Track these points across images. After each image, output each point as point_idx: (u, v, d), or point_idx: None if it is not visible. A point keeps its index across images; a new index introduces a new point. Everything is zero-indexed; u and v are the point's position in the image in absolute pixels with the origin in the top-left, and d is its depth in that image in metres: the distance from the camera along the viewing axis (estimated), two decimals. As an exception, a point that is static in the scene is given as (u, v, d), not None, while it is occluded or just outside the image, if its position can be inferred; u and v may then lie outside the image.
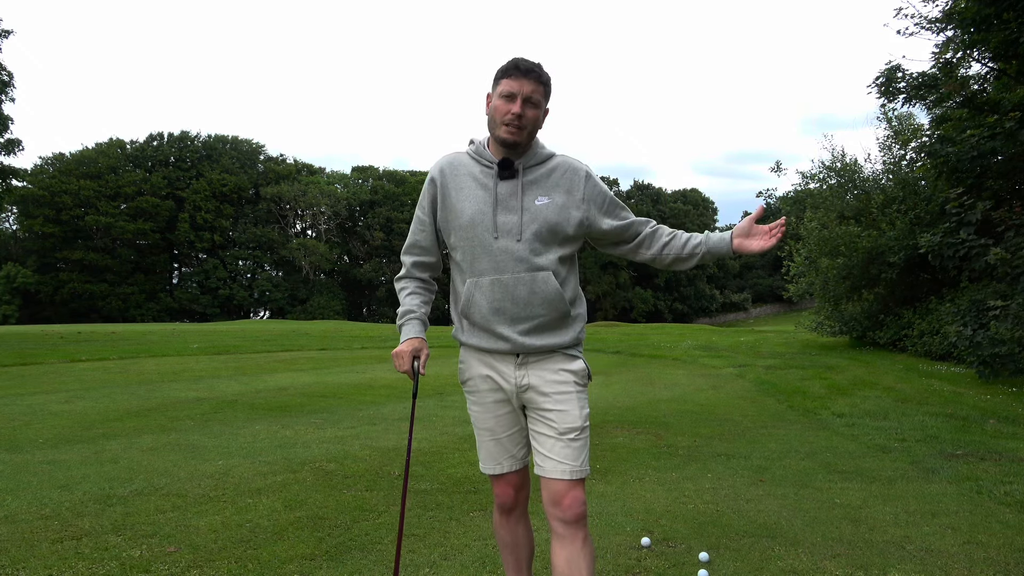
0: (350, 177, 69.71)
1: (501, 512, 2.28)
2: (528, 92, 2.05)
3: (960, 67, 12.63)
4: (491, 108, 2.11)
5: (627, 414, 7.27)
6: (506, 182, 2.12)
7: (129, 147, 60.65)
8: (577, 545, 2.02)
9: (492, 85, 2.13)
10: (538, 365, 2.14)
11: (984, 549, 3.27)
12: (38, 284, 52.64)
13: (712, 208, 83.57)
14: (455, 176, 2.17)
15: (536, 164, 2.16)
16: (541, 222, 2.09)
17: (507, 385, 2.16)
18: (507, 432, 2.21)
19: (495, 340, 2.13)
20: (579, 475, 2.06)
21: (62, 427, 6.06)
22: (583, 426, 2.10)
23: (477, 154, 2.18)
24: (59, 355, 13.53)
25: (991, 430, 6.37)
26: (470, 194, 2.13)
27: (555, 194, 2.13)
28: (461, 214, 2.12)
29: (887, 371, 11.68)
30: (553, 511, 2.06)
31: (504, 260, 2.08)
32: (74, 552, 3.08)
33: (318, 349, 16.93)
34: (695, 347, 18.20)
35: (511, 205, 2.10)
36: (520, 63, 2.07)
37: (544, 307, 2.10)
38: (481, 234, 2.09)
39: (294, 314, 57.62)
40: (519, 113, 2.04)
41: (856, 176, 17.80)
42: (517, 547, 2.30)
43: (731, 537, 3.43)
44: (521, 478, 2.26)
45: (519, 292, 2.08)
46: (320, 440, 5.62)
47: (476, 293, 2.12)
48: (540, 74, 2.08)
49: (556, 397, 2.10)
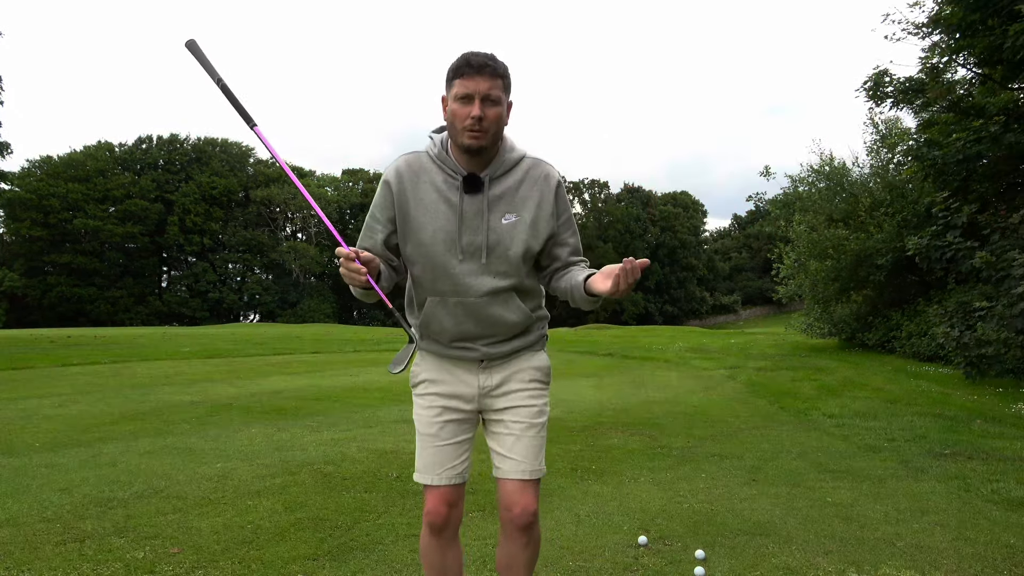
0: (340, 180, 69.61)
1: (431, 531, 2.11)
2: (485, 90, 1.86)
3: (946, 72, 12.80)
4: (448, 113, 1.93)
5: (620, 416, 7.34)
6: (472, 197, 1.96)
7: (118, 150, 60.28)
8: (519, 544, 2.11)
9: (445, 86, 1.93)
10: (503, 365, 2.13)
11: (972, 545, 3.35)
12: (26, 288, 52.17)
13: (702, 211, 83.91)
14: (416, 183, 1.99)
15: (504, 173, 2.01)
16: (507, 243, 1.98)
17: (468, 390, 2.11)
18: (449, 440, 2.10)
19: (459, 351, 2.10)
20: (536, 475, 2.10)
21: (58, 431, 6.06)
22: (542, 423, 2.13)
23: (440, 160, 1.99)
24: (50, 359, 13.46)
25: (978, 430, 6.47)
26: (432, 208, 1.97)
27: (524, 210, 2.00)
28: (421, 229, 1.98)
29: (876, 372, 11.81)
30: (504, 514, 2.11)
31: (467, 283, 1.99)
32: (78, 554, 3.11)
33: (311, 352, 16.92)
34: (686, 349, 18.31)
35: (476, 225, 1.97)
36: (471, 59, 1.87)
37: (508, 326, 2.07)
38: (443, 255, 1.98)
39: (284, 317, 57.39)
40: (479, 116, 1.86)
41: (844, 180, 17.98)
42: (445, 571, 2.15)
43: (726, 535, 3.49)
44: (456, 495, 2.12)
45: (482, 314, 2.03)
46: (317, 443, 5.65)
47: (438, 312, 2.05)
48: (495, 67, 1.88)
49: (519, 394, 2.11)
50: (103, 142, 60.02)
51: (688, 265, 77.23)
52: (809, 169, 18.71)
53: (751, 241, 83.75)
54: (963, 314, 11.08)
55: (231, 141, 64.25)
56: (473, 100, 1.87)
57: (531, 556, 2.16)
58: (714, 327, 59.96)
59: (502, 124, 1.95)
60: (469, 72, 1.86)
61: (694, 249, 79.05)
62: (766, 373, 12.07)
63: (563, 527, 3.60)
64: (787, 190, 19.61)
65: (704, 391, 9.79)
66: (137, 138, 61.33)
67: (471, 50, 1.91)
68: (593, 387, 10.13)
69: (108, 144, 60.08)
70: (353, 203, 66.04)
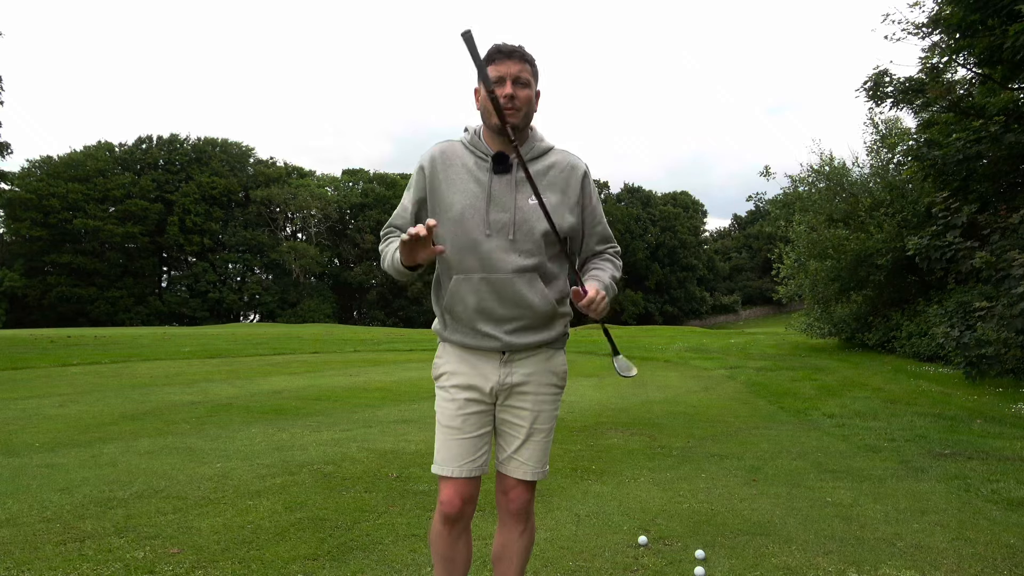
0: (340, 180, 69.62)
1: (444, 522, 2.14)
2: (516, 72, 2.00)
3: (946, 72, 12.81)
4: (481, 100, 2.05)
5: (621, 416, 7.34)
6: (500, 177, 2.05)
7: (118, 150, 60.35)
8: (514, 534, 2.19)
9: (478, 77, 2.05)
10: (523, 362, 2.15)
11: (972, 545, 3.36)
12: (26, 288, 52.22)
13: (702, 211, 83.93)
14: (447, 166, 2.09)
15: (533, 159, 2.10)
16: (533, 222, 2.04)
17: (488, 384, 2.13)
18: (473, 433, 2.13)
19: (480, 338, 2.11)
20: (539, 477, 2.18)
21: (58, 431, 6.06)
22: (551, 427, 2.19)
23: (472, 144, 2.10)
24: (50, 359, 13.46)
25: (978, 430, 6.48)
26: (462, 187, 2.06)
27: (550, 193, 2.07)
28: (451, 207, 2.06)
29: (876, 372, 11.82)
30: (501, 499, 2.21)
31: (493, 259, 2.04)
32: (78, 554, 3.11)
33: (311, 352, 16.92)
34: (686, 349, 18.32)
35: (504, 203, 2.05)
36: (501, 47, 2.02)
37: (531, 308, 2.08)
38: (471, 231, 2.04)
39: (284, 317, 57.41)
40: (511, 94, 1.99)
41: (844, 180, 17.99)
42: (454, 563, 2.18)
43: (726, 535, 3.49)
44: (473, 489, 2.14)
45: (506, 293, 2.05)
46: (317, 443, 5.65)
47: (462, 290, 2.08)
48: (523, 53, 2.03)
49: (535, 397, 2.15)
50: (103, 142, 60.11)
51: (688, 265, 77.23)
52: (809, 169, 18.74)
53: (751, 241, 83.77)
54: (963, 314, 11.09)
55: (231, 141, 64.37)
56: (505, 82, 2.00)
57: (525, 547, 2.19)
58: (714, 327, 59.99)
59: (532, 108, 2.07)
60: (500, 57, 2.01)
61: (694, 249, 79.06)
62: (766, 373, 12.07)
63: (563, 527, 3.60)
64: (787, 190, 19.64)
65: (704, 391, 9.80)
66: (137, 138, 61.52)
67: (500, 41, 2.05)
68: (593, 387, 10.13)
69: (108, 144, 60.13)
70: (353, 203, 66.06)
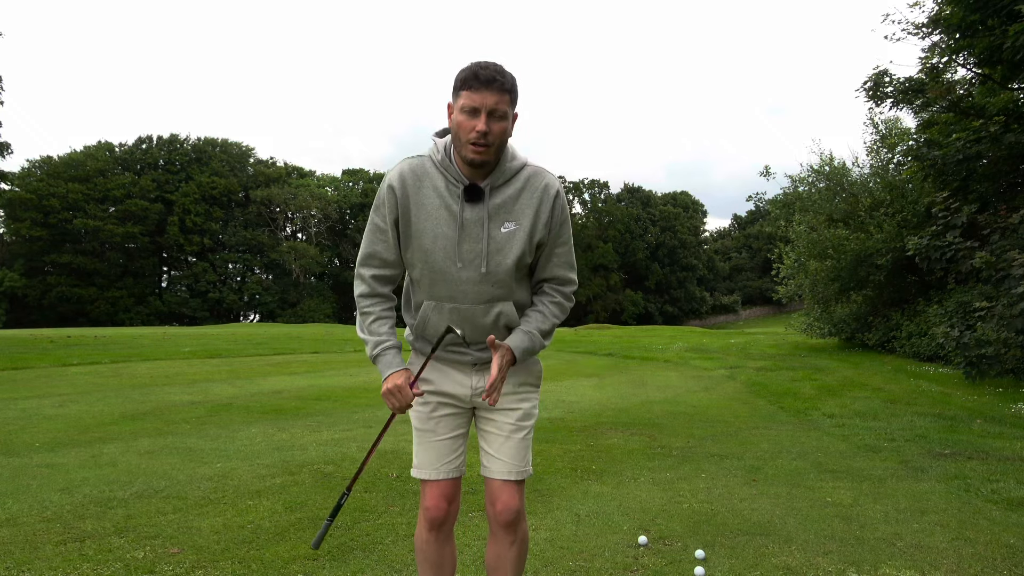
0: (340, 180, 69.65)
1: (430, 527, 2.15)
2: (492, 104, 1.85)
3: (946, 72, 12.82)
4: (453, 122, 1.93)
5: (621, 416, 7.34)
6: (472, 205, 1.97)
7: (118, 150, 60.35)
8: (506, 544, 2.16)
9: (452, 95, 1.93)
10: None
11: (972, 545, 3.36)
12: (25, 288, 52.20)
13: (702, 211, 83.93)
14: (418, 188, 2.00)
15: (504, 183, 2.00)
16: (505, 252, 2.00)
17: (461, 391, 2.14)
18: (448, 435, 2.15)
19: (451, 354, 2.12)
20: (523, 476, 2.16)
21: (58, 431, 6.06)
22: (530, 425, 2.18)
23: (443, 166, 1.99)
24: (50, 359, 13.46)
25: (978, 430, 6.48)
26: (433, 213, 1.98)
27: (523, 218, 2.00)
28: (422, 235, 2.00)
29: (876, 372, 11.82)
30: (490, 510, 2.17)
31: (464, 289, 2.01)
32: (78, 554, 3.11)
33: (311, 352, 16.91)
34: (686, 349, 18.32)
35: (475, 233, 1.98)
36: (480, 72, 1.86)
37: (503, 334, 2.09)
38: (442, 261, 1.99)
39: (284, 317, 57.41)
40: (484, 131, 1.86)
41: (844, 180, 17.99)
42: (441, 567, 2.19)
43: (726, 535, 3.49)
44: (454, 489, 2.17)
45: (478, 322, 2.05)
46: (317, 443, 5.65)
47: (433, 316, 2.07)
48: (503, 82, 1.87)
49: (510, 397, 2.14)
50: (103, 142, 60.12)
51: (688, 265, 77.25)
52: (809, 169, 18.74)
53: (751, 241, 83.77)
54: (963, 314, 11.09)
55: (231, 141, 64.38)
56: (479, 114, 1.86)
57: (518, 555, 2.18)
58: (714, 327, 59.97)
59: (506, 137, 1.94)
60: (477, 85, 1.85)
61: (694, 249, 79.08)
62: (766, 373, 12.07)
63: (563, 527, 3.60)
64: (787, 190, 19.64)
65: (704, 391, 9.80)
66: (137, 138, 61.50)
67: (479, 61, 1.90)
68: (593, 387, 10.13)
69: (108, 144, 60.13)
70: (353, 203, 66.07)
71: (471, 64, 1.89)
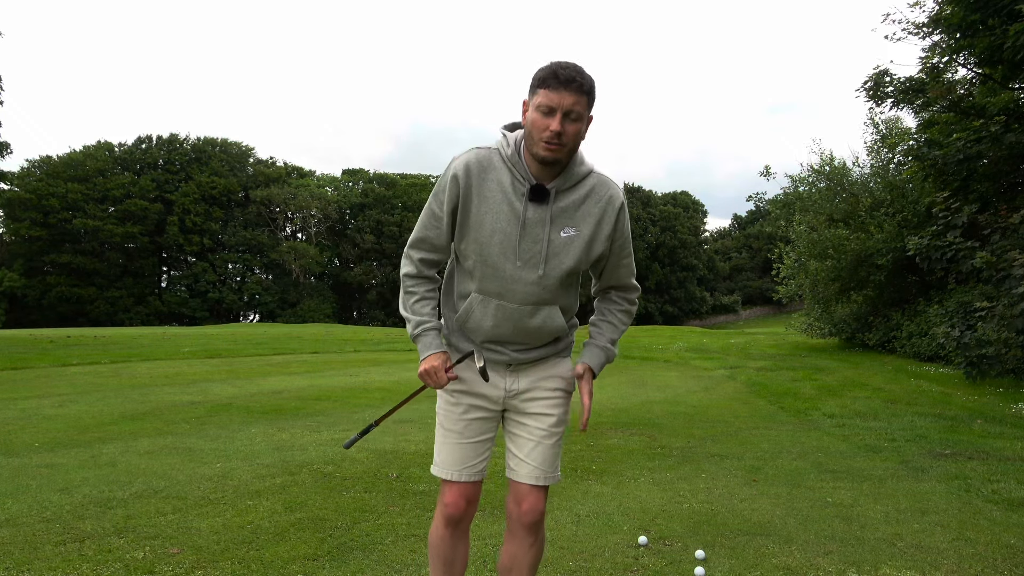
0: (340, 180, 69.59)
1: (447, 524, 2.14)
2: (568, 105, 1.82)
3: (946, 72, 12.81)
4: (528, 120, 1.90)
5: (621, 416, 7.34)
6: (536, 206, 1.95)
7: (117, 150, 60.30)
8: (524, 545, 2.14)
9: (529, 92, 1.90)
10: (530, 370, 2.14)
11: (972, 545, 3.35)
12: (25, 288, 52.19)
13: (702, 211, 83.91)
14: (482, 181, 1.96)
15: (570, 187, 1.98)
16: (563, 257, 1.98)
17: (494, 392, 2.12)
18: (474, 438, 2.13)
19: (488, 352, 2.10)
20: (551, 482, 2.14)
21: (57, 431, 6.05)
22: (561, 432, 2.17)
23: (511, 162, 1.96)
24: (50, 359, 13.46)
25: (979, 430, 6.47)
26: (495, 208, 1.95)
27: (584, 225, 1.99)
28: (481, 227, 1.96)
29: (876, 372, 11.82)
30: (513, 509, 2.15)
31: (515, 288, 1.99)
32: (77, 554, 3.10)
33: (310, 352, 16.91)
34: (686, 349, 18.32)
35: (536, 234, 1.96)
36: (559, 72, 1.82)
37: (544, 337, 2.09)
38: (498, 256, 1.97)
39: (284, 317, 57.40)
40: (558, 131, 1.83)
41: (844, 180, 17.99)
42: (453, 565, 2.19)
43: (726, 535, 3.49)
44: (475, 490, 2.16)
45: (522, 323, 2.03)
46: (317, 443, 5.65)
47: (478, 310, 2.05)
48: (582, 83, 1.83)
49: (543, 402, 2.13)
50: (103, 142, 60.05)
51: (688, 265, 77.21)
52: (809, 169, 18.74)
53: (751, 241, 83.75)
54: (963, 314, 11.09)
55: (231, 141, 64.34)
56: (555, 113, 1.83)
57: (535, 558, 2.17)
58: (714, 327, 59.97)
59: (580, 139, 1.92)
60: (555, 85, 1.82)
61: (694, 249, 79.03)
62: (766, 373, 12.07)
63: (563, 527, 3.59)
64: (787, 190, 19.65)
65: (704, 391, 9.79)
66: (137, 138, 61.41)
67: (559, 60, 1.87)
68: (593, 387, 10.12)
69: (108, 144, 60.09)
70: (353, 203, 66.05)
71: (551, 63, 1.87)
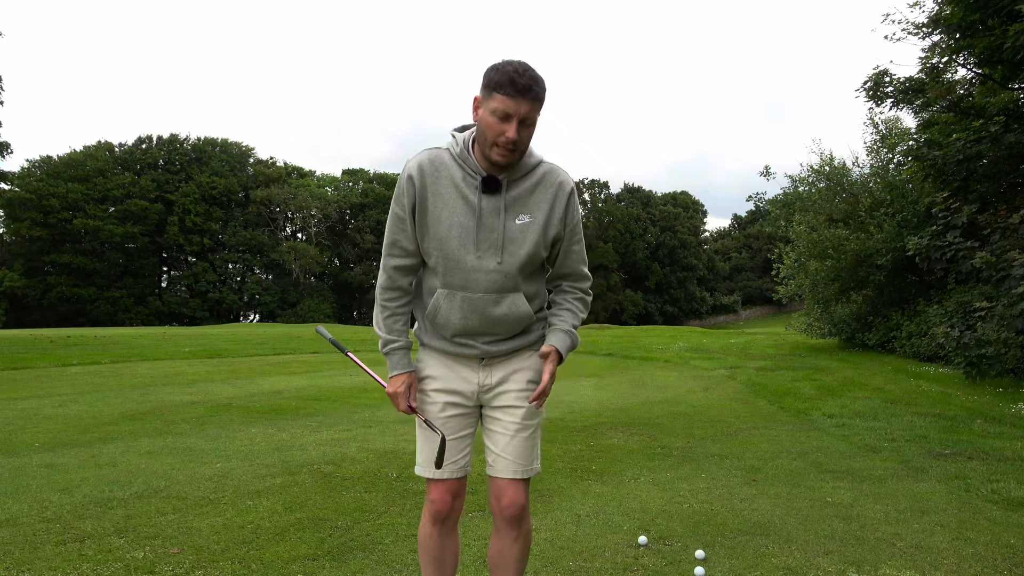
0: (340, 180, 69.62)
1: (434, 521, 2.18)
2: (525, 113, 1.86)
3: (946, 72, 12.80)
4: (480, 120, 1.93)
5: (620, 416, 7.33)
6: (489, 197, 2.01)
7: (118, 150, 60.31)
8: (509, 540, 2.18)
9: (482, 91, 1.91)
10: (503, 364, 2.17)
11: (972, 545, 3.35)
12: (25, 288, 52.18)
13: (702, 211, 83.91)
14: (436, 180, 2.02)
15: (521, 177, 2.04)
16: (520, 243, 2.03)
17: (468, 387, 2.15)
18: (454, 435, 2.15)
19: (459, 347, 2.14)
20: (528, 474, 2.16)
21: (57, 431, 6.06)
22: (536, 424, 2.19)
23: (461, 159, 2.01)
24: (50, 359, 13.46)
25: (978, 430, 6.47)
26: (451, 203, 2.01)
27: (537, 212, 2.05)
28: (439, 223, 2.02)
29: (876, 372, 11.81)
30: (494, 504, 2.19)
31: (478, 279, 2.03)
32: (78, 554, 3.11)
33: (310, 352, 16.90)
34: (686, 349, 18.30)
35: (491, 224, 2.01)
36: (516, 79, 1.83)
37: (512, 325, 2.11)
38: (457, 250, 2.01)
39: (284, 317, 57.39)
40: (514, 139, 1.88)
41: (844, 180, 17.98)
42: (443, 562, 2.22)
43: (726, 535, 3.49)
44: (459, 485, 2.20)
45: (488, 312, 2.06)
46: (317, 443, 5.65)
47: (445, 305, 2.09)
48: (538, 92, 1.87)
49: (515, 395, 2.15)
50: (103, 142, 60.06)
51: (688, 265, 77.24)
52: (809, 169, 18.71)
53: (751, 241, 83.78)
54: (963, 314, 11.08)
55: (231, 141, 64.35)
56: (511, 120, 1.86)
57: (521, 552, 2.19)
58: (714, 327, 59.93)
59: (530, 141, 1.97)
60: (512, 93, 1.84)
61: (694, 249, 79.07)
62: (766, 373, 12.06)
63: (563, 527, 3.59)
64: (787, 190, 19.61)
65: (704, 391, 9.79)
66: (137, 138, 61.45)
67: (514, 62, 1.87)
68: (593, 387, 10.13)
69: (108, 144, 60.09)
70: (353, 203, 66.04)
71: (507, 66, 1.86)
